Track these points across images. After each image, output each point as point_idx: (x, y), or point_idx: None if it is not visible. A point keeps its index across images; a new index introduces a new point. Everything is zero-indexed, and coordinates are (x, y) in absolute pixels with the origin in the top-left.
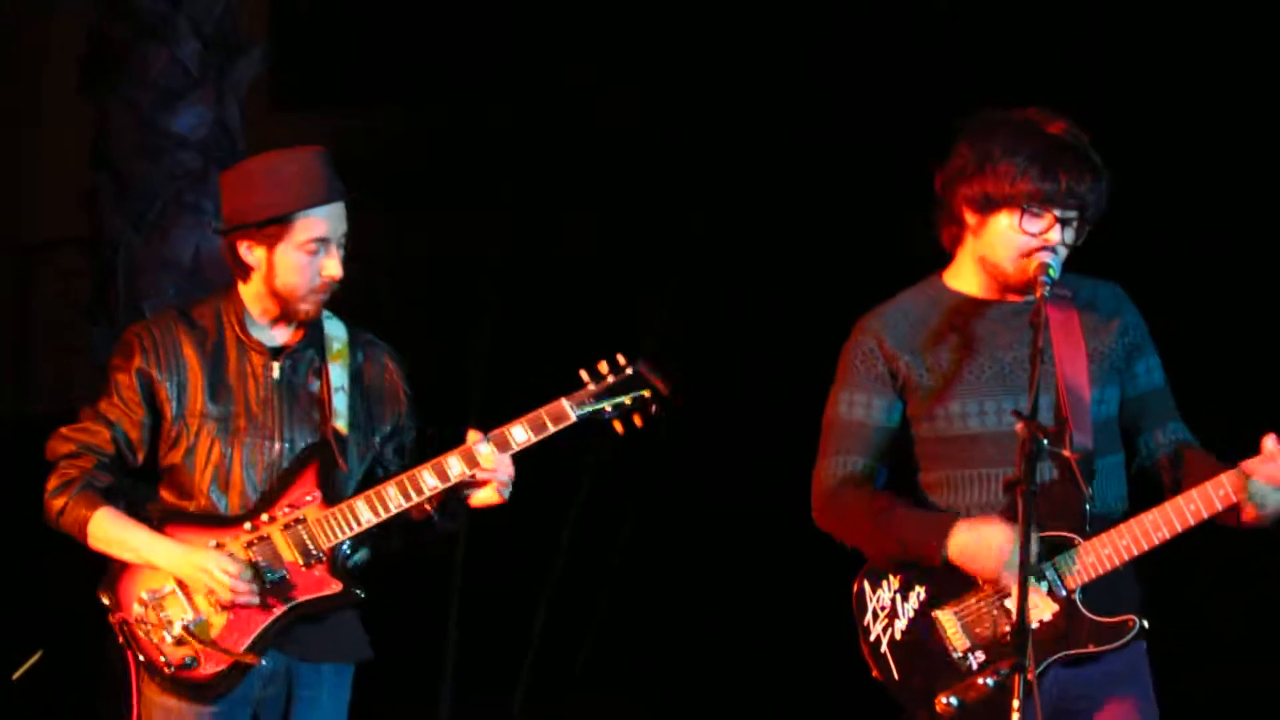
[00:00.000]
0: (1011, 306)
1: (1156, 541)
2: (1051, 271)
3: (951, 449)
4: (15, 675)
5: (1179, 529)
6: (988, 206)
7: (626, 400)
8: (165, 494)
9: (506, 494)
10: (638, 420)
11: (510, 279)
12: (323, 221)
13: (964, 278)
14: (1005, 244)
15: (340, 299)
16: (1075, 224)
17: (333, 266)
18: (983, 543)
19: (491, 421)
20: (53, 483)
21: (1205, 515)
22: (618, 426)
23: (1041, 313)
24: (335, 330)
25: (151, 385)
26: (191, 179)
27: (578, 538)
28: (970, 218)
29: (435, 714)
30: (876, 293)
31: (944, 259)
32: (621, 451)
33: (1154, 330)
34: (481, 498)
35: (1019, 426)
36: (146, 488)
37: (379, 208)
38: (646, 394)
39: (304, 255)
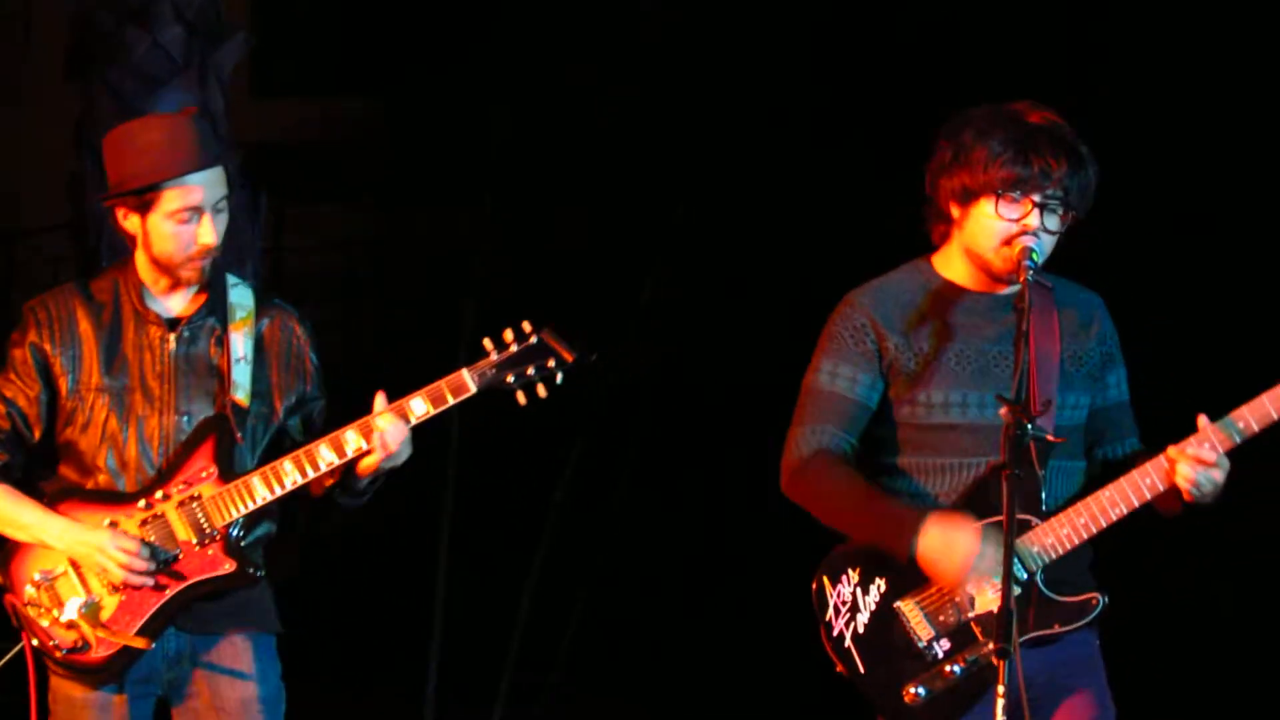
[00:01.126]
0: (998, 299)
1: (1115, 518)
2: (1035, 255)
3: (928, 436)
4: None
5: (1135, 504)
6: (967, 197)
7: (529, 370)
8: (64, 471)
9: (395, 462)
10: (541, 390)
11: (496, 269)
12: (194, 189)
13: (953, 267)
14: (986, 232)
15: (326, 288)
16: (1059, 212)
17: (206, 234)
18: (950, 548)
19: (474, 413)
20: None
21: (1162, 488)
22: (520, 398)
23: (1026, 296)
24: (241, 298)
25: (45, 359)
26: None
27: (562, 527)
28: (954, 210)
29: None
30: (854, 278)
31: (926, 241)
32: (606, 441)
33: (1152, 327)
34: (368, 462)
35: (1003, 410)
36: (46, 467)
37: (363, 198)
38: (550, 363)
39: (176, 224)
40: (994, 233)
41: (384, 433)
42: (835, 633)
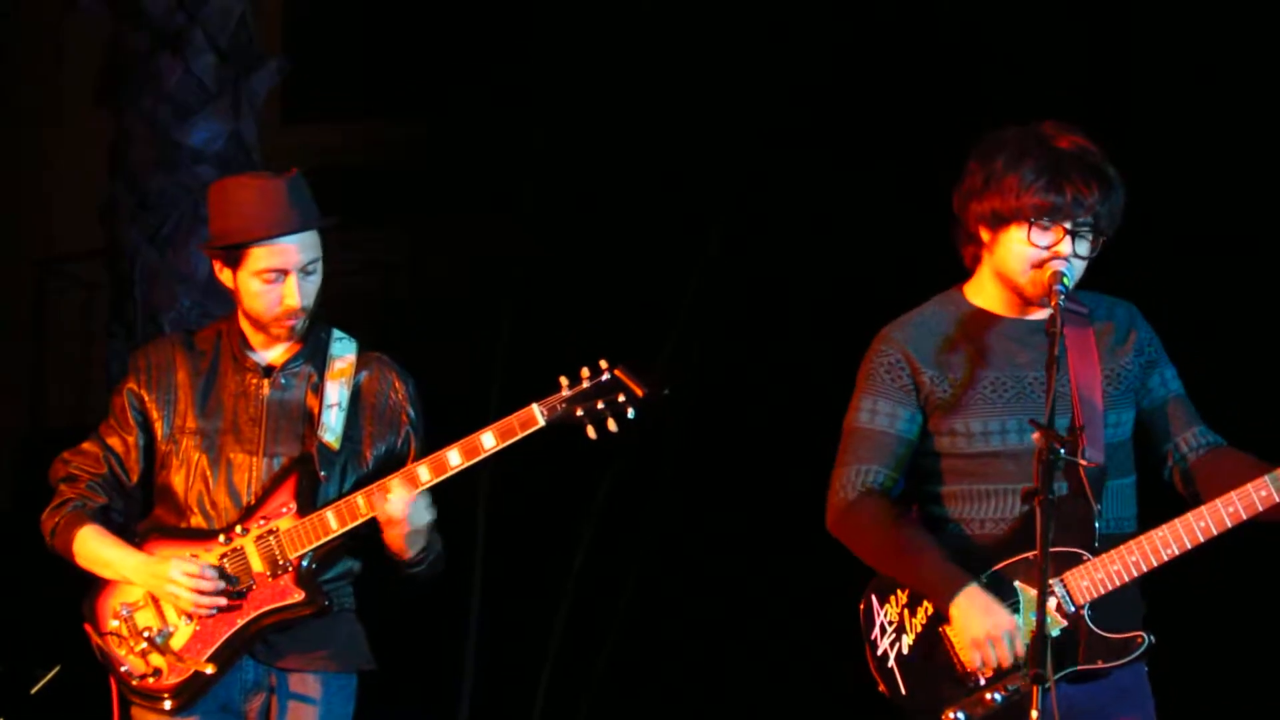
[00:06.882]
0: (1031, 324)
1: (1166, 558)
2: (1065, 280)
3: (970, 465)
4: (34, 689)
5: (1188, 546)
6: (998, 222)
7: (600, 404)
8: (161, 513)
9: (406, 530)
10: (611, 425)
11: (528, 286)
12: (281, 251)
13: (985, 293)
14: (1017, 258)
15: (363, 311)
16: (1089, 237)
17: (291, 296)
18: (985, 617)
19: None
20: (49, 506)
21: (1215, 532)
22: (590, 432)
23: (1057, 321)
24: (342, 349)
25: (142, 404)
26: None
27: (594, 551)
28: (984, 234)
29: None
30: (892, 303)
31: (962, 270)
32: (639, 462)
33: (1178, 336)
34: (392, 534)
35: (1036, 435)
36: (144, 510)
37: (398, 220)
38: (621, 398)
39: (262, 283)
40: (1025, 258)
41: (389, 501)
42: (880, 652)
